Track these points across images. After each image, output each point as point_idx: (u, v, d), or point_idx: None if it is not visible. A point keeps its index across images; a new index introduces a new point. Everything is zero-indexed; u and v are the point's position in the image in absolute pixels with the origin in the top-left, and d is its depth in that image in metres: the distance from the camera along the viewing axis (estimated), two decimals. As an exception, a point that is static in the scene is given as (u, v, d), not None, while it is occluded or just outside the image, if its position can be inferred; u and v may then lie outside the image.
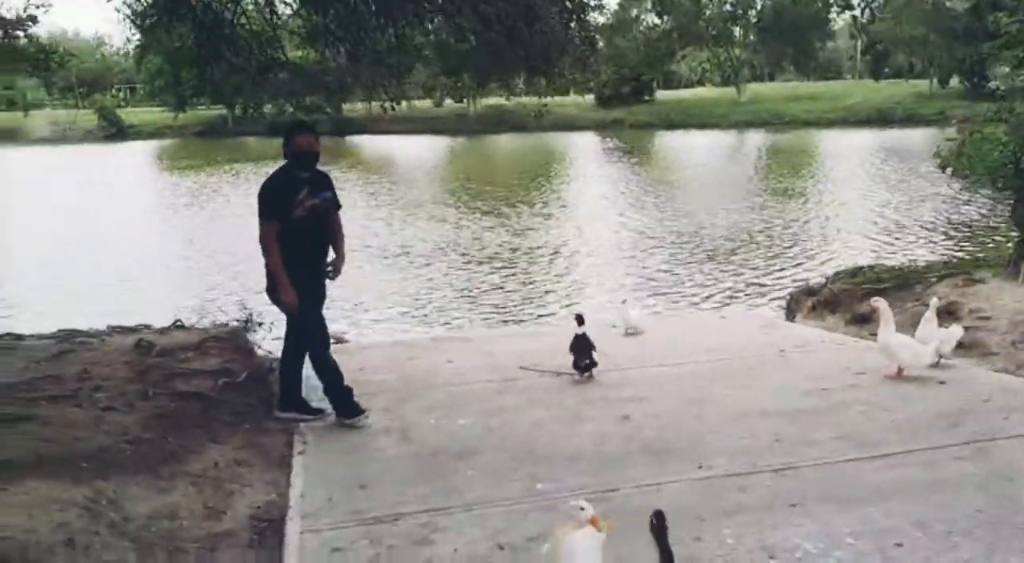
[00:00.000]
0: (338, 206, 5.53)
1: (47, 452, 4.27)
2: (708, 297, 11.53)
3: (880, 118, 42.47)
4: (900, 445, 4.60)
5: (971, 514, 3.69)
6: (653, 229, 16.94)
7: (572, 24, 6.15)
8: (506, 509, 4.02)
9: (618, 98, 51.43)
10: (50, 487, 3.90)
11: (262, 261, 5.31)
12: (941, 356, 6.22)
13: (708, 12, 52.92)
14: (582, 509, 3.00)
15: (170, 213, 22.03)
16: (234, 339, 7.08)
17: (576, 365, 6.31)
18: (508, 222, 18.17)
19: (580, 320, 6.62)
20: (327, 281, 5.52)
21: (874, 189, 22.20)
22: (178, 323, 7.66)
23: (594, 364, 6.29)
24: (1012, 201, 8.61)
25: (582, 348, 6.37)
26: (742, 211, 18.51)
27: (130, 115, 56.28)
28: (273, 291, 5.34)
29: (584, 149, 40.04)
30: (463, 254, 14.84)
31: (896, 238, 15.08)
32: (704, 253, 14.37)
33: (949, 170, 8.81)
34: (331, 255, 5.49)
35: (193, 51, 6.89)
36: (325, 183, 5.44)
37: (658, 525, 2.83)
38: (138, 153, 44.20)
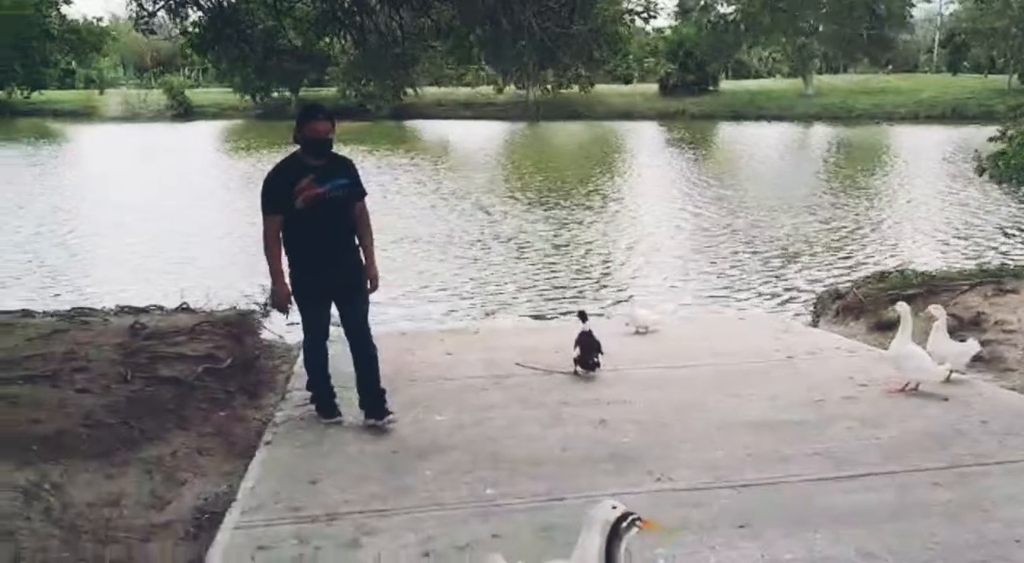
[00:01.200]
0: (361, 194, 5.13)
1: (2, 432, 4.31)
2: (746, 297, 11.15)
3: (954, 114, 40.78)
4: (877, 466, 4.33)
5: (926, 546, 3.44)
6: (704, 225, 16.52)
7: (574, 16, 5.92)
8: (445, 514, 3.91)
9: (682, 88, 50.56)
10: (-5, 469, 3.94)
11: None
12: (952, 371, 5.89)
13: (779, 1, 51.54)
14: (613, 508, 2.77)
15: (229, 192, 22.37)
16: (236, 324, 7.12)
17: (585, 362, 6.19)
18: (556, 213, 17.96)
19: (584, 317, 6.54)
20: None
21: (936, 189, 21.30)
22: (184, 305, 7.74)
23: (598, 364, 6.19)
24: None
25: (591, 345, 6.25)
26: (797, 209, 17.93)
27: (199, 96, 57.58)
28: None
29: (642, 139, 39.45)
30: (510, 244, 14.66)
31: (959, 242, 14.43)
32: (754, 252, 13.90)
33: (986, 174, 8.33)
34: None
35: (202, 35, 6.90)
36: (342, 169, 5.03)
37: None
38: (203, 132, 45.19)
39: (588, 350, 6.23)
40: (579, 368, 6.24)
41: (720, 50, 50.54)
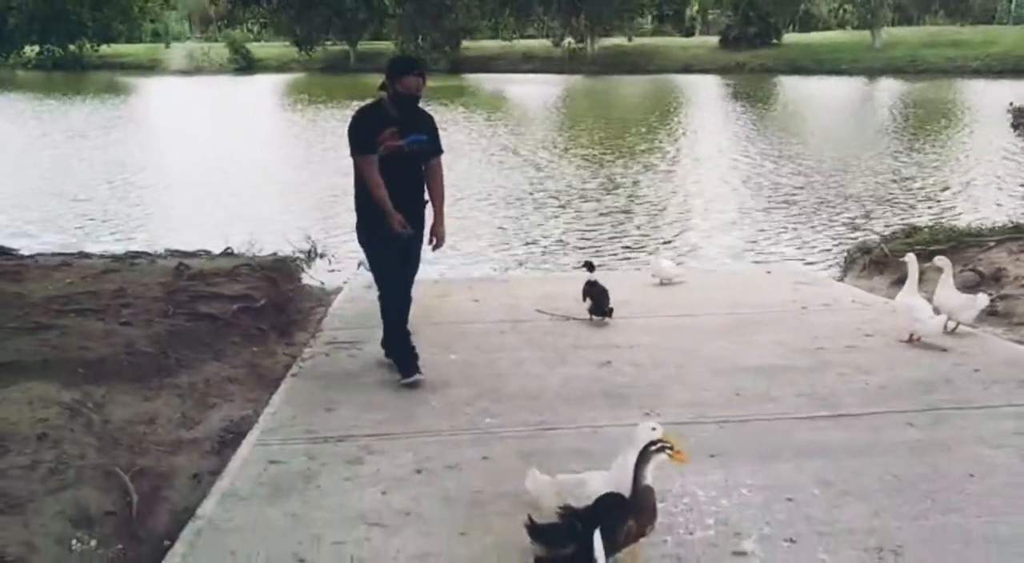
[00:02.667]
0: (438, 150, 5.13)
1: (53, 357, 4.79)
2: (791, 252, 11.06)
3: (1024, 69, 39.11)
4: (856, 408, 4.54)
5: (883, 478, 3.67)
6: (752, 180, 16.38)
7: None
8: (442, 438, 4.26)
9: (743, 40, 49.41)
10: (45, 388, 4.40)
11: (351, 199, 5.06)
12: (958, 323, 6.00)
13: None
14: (653, 429, 3.13)
15: (286, 146, 22.93)
16: (274, 268, 7.54)
17: (600, 309, 6.45)
18: (604, 167, 18.00)
19: (591, 267, 6.77)
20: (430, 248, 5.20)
21: (995, 146, 20.68)
22: (228, 250, 8.21)
23: (611, 310, 6.44)
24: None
25: (600, 293, 6.50)
26: (848, 165, 17.61)
27: (261, 50, 58.34)
28: (362, 228, 5.10)
29: (694, 93, 38.86)
30: (558, 198, 14.77)
31: (1007, 198, 14.12)
32: (801, 207, 13.71)
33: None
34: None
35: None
36: (423, 124, 5.04)
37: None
38: (263, 86, 45.96)
39: (599, 298, 6.48)
40: (593, 316, 6.51)
41: (784, 1, 49.11)
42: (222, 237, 8.82)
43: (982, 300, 6.02)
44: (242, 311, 6.17)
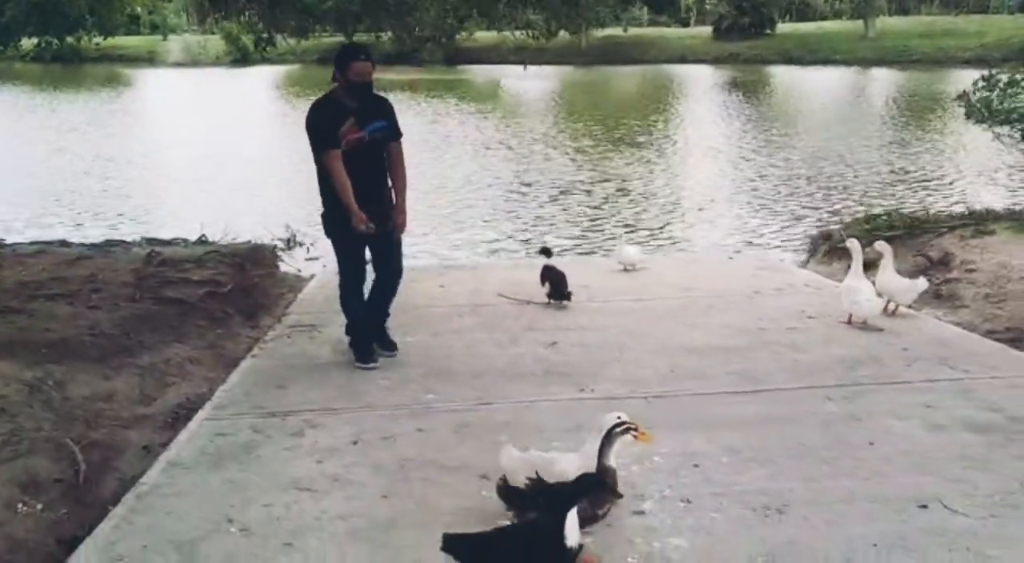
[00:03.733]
0: (397, 135, 5.14)
1: (18, 339, 5.03)
2: (765, 240, 11.22)
3: (1019, 56, 39.09)
4: (782, 383, 4.77)
5: (789, 446, 3.89)
6: (740, 169, 16.54)
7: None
8: (383, 413, 4.48)
9: (737, 30, 49.50)
10: (7, 366, 4.63)
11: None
12: (898, 305, 6.21)
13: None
14: (618, 417, 3.22)
15: (274, 136, 23.12)
16: (245, 255, 7.76)
17: (559, 294, 6.66)
18: (592, 157, 18.17)
19: (548, 253, 6.99)
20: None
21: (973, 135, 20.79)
22: (202, 238, 8.44)
23: (570, 294, 6.63)
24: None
25: (558, 277, 6.71)
26: (829, 155, 17.76)
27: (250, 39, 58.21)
28: (328, 221, 5.15)
29: (689, 83, 38.96)
30: (542, 188, 14.92)
31: (969, 185, 14.31)
32: (782, 195, 13.88)
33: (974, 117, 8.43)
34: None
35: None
36: (380, 110, 5.05)
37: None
38: (258, 78, 46.10)
39: (556, 282, 6.69)
40: (552, 299, 6.73)
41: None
42: (207, 226, 9.02)
43: (921, 284, 6.24)
44: (209, 296, 6.40)
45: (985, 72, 8.67)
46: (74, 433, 4.13)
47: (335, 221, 5.10)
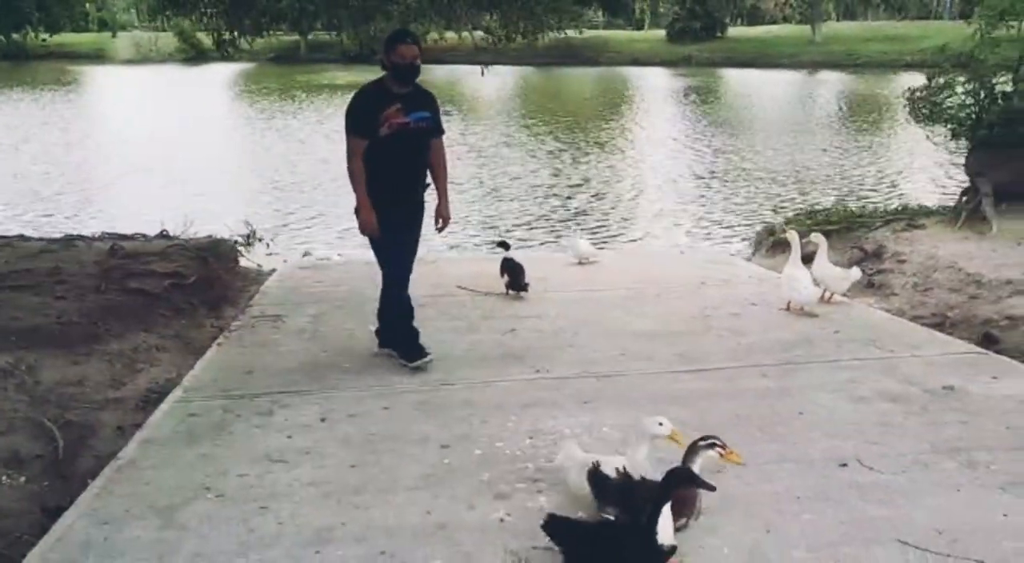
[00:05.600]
0: (440, 130, 5.07)
1: (-12, 327, 5.15)
2: (719, 235, 11.62)
3: (959, 61, 40.38)
4: (721, 363, 5.11)
5: (727, 417, 4.22)
6: (689, 169, 16.95)
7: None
8: (348, 394, 4.71)
9: (689, 34, 50.41)
10: (-20, 353, 4.77)
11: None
12: (833, 293, 6.61)
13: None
14: (660, 425, 3.20)
15: (234, 135, 23.07)
16: (207, 249, 7.91)
17: (517, 285, 6.93)
18: (546, 156, 18.48)
19: (506, 246, 7.26)
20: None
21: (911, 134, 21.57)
22: (163, 232, 8.56)
23: (527, 285, 6.90)
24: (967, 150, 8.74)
25: (516, 269, 6.99)
26: (774, 155, 18.35)
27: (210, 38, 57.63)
28: (358, 213, 5.00)
29: (641, 86, 39.59)
30: (497, 185, 15.19)
31: (904, 183, 14.93)
32: (733, 192, 14.31)
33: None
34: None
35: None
36: (425, 102, 4.96)
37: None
38: (213, 76, 45.67)
39: (515, 274, 6.98)
40: (510, 290, 7.01)
41: (727, -3, 50.22)
42: (167, 223, 9.11)
43: (855, 273, 6.65)
44: (173, 287, 6.56)
45: (924, 75, 9.15)
46: (49, 414, 4.30)
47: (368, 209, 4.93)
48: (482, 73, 9.34)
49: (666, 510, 2.55)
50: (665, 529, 2.54)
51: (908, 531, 3.11)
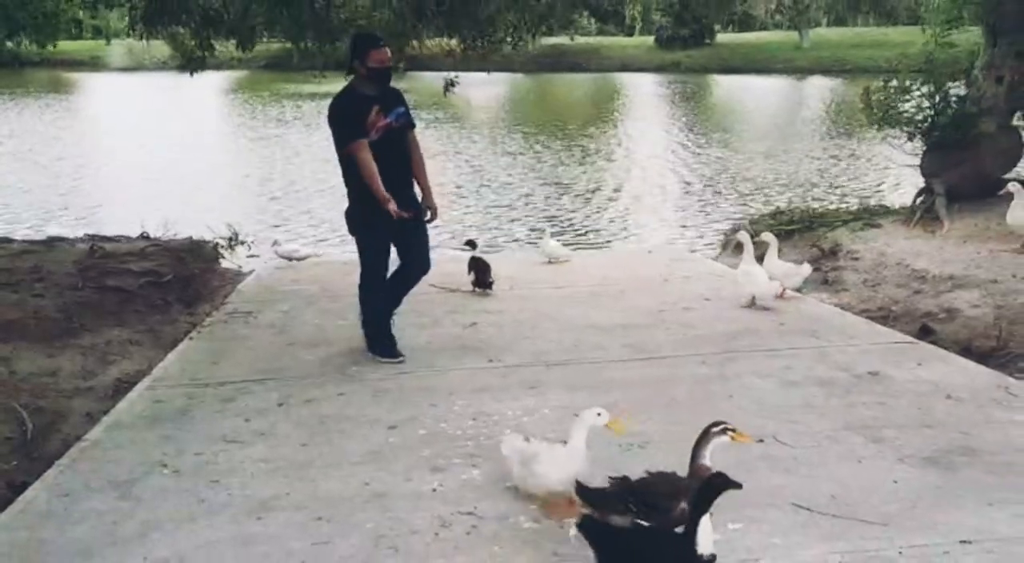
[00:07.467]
0: (413, 124, 5.22)
1: (-36, 321, 5.39)
2: (690, 235, 11.87)
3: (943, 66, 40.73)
4: (667, 352, 5.36)
5: (662, 400, 4.47)
6: (668, 172, 17.24)
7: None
8: (308, 382, 4.96)
9: (677, 40, 50.77)
10: (-44, 345, 5.01)
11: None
12: (785, 288, 6.86)
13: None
14: (599, 414, 3.27)
15: (229, 141, 23.35)
16: (185, 249, 8.15)
17: (483, 282, 7.18)
18: (531, 158, 18.73)
19: (473, 245, 7.51)
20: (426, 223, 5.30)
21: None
22: (144, 234, 8.80)
23: (492, 282, 7.13)
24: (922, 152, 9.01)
25: (482, 267, 7.24)
26: (754, 158, 18.62)
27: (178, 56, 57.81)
28: (356, 216, 5.12)
29: (630, 91, 39.95)
30: (480, 187, 15.43)
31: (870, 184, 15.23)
32: (708, 195, 14.57)
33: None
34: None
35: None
36: (397, 99, 5.08)
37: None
38: (205, 84, 45.87)
39: (481, 271, 7.22)
40: (476, 288, 7.25)
41: (714, 3, 50.45)
42: (150, 226, 9.33)
43: (805, 269, 6.90)
44: (149, 285, 6.81)
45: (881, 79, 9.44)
46: (21, 401, 4.54)
47: (363, 215, 5.06)
48: (451, 85, 9.62)
49: (706, 519, 2.51)
50: (705, 538, 2.50)
51: (805, 496, 3.36)
